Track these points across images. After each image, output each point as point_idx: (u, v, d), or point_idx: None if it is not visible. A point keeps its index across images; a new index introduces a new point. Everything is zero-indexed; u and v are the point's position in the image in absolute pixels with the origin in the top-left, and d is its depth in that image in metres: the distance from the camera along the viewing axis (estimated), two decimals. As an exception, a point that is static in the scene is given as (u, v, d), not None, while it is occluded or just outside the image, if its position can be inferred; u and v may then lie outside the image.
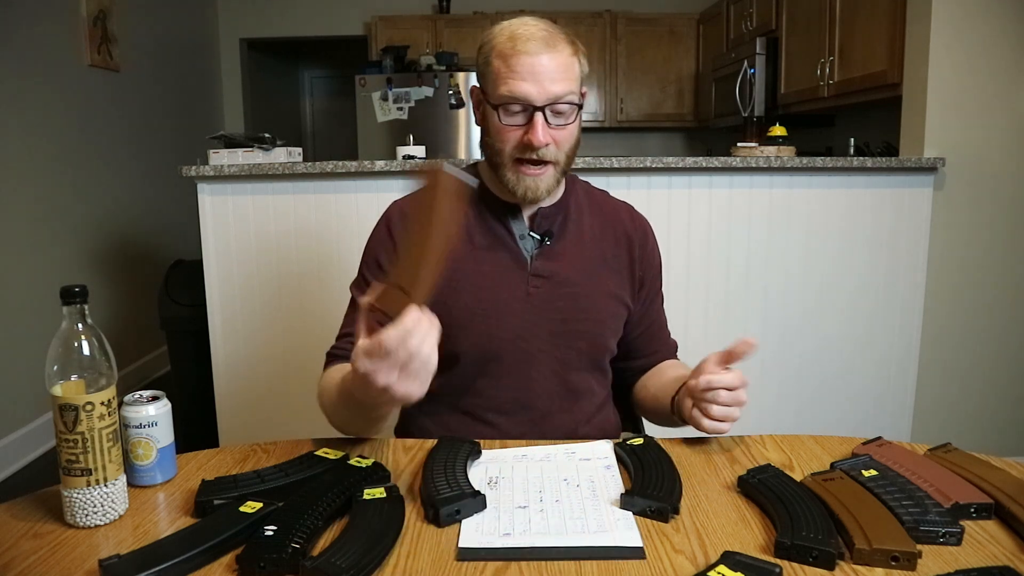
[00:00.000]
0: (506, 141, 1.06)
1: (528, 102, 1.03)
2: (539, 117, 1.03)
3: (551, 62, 1.03)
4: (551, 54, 1.04)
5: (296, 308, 2.28)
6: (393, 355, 0.76)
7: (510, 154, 1.07)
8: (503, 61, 1.04)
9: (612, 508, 0.82)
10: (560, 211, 1.17)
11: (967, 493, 0.81)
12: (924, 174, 2.36)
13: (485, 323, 1.11)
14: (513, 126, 1.05)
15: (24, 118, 2.86)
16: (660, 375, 1.21)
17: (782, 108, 3.65)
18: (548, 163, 1.07)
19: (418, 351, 0.77)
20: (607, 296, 1.17)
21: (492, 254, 1.13)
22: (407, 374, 0.78)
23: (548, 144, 1.05)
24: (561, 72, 1.04)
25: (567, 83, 1.05)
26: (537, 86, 1.03)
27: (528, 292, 1.12)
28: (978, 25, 2.30)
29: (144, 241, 3.81)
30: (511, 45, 1.04)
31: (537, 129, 1.03)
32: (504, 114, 1.05)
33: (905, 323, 2.43)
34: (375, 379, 0.78)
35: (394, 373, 0.77)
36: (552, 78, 1.03)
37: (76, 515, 0.78)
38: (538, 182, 1.07)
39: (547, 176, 1.08)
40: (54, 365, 0.77)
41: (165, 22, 4.24)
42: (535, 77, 1.03)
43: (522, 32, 1.05)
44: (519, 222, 1.14)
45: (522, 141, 1.05)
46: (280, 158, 2.33)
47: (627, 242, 1.20)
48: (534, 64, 1.03)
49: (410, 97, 4.29)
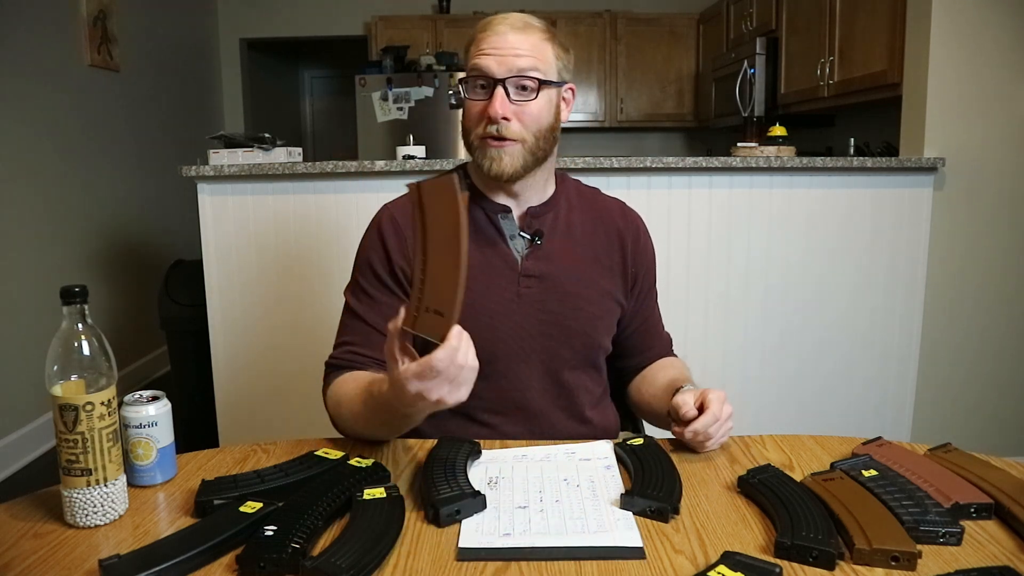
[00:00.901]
0: (472, 119, 1.09)
1: (489, 74, 1.05)
2: (499, 90, 1.05)
3: (516, 38, 1.06)
4: (518, 33, 1.06)
5: (296, 308, 2.28)
6: (444, 373, 0.80)
7: (477, 133, 1.08)
8: (474, 43, 1.09)
9: (612, 508, 0.82)
10: (550, 210, 1.16)
11: (967, 493, 0.81)
12: (924, 174, 2.36)
13: (477, 325, 1.10)
14: (476, 100, 1.07)
15: (24, 118, 2.86)
16: (653, 380, 1.20)
17: (782, 108, 3.65)
18: (512, 140, 1.07)
19: (465, 363, 0.81)
20: (599, 294, 1.16)
21: (482, 255, 1.12)
22: (455, 385, 0.82)
23: (509, 119, 1.05)
24: (526, 49, 1.06)
25: (532, 59, 1.06)
26: (498, 60, 1.05)
27: (519, 292, 1.12)
28: (978, 25, 2.30)
29: (144, 241, 3.81)
30: (483, 27, 1.09)
31: (495, 101, 1.04)
32: (468, 90, 1.08)
33: (905, 323, 2.43)
34: (428, 396, 0.81)
35: (445, 387, 0.81)
36: (516, 53, 1.05)
37: (76, 515, 0.78)
38: (502, 155, 1.07)
39: (512, 152, 1.07)
40: (54, 365, 0.77)
41: (165, 22, 4.24)
42: (498, 51, 1.05)
43: (497, 17, 1.09)
44: (509, 222, 1.14)
45: (484, 114, 1.06)
46: (280, 158, 2.33)
47: (619, 239, 1.20)
48: (497, 40, 1.06)
49: (410, 97, 4.29)
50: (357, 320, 1.13)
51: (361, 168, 2.21)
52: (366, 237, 1.18)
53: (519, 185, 1.12)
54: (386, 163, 2.22)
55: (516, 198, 1.15)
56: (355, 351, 1.10)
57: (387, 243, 1.13)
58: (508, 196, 1.14)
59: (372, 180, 2.24)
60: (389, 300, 1.11)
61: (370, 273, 1.14)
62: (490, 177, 1.09)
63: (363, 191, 2.24)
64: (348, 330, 1.14)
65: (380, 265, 1.13)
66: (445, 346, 0.78)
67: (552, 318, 1.13)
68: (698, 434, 0.96)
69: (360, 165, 2.21)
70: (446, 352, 0.79)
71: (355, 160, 2.28)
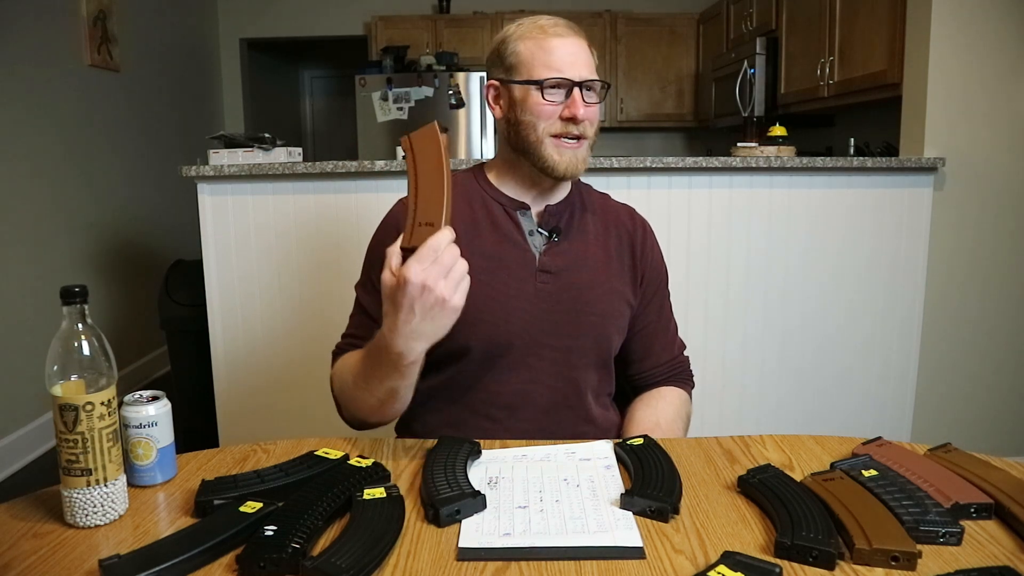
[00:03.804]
0: (544, 117, 1.10)
1: (567, 79, 1.09)
2: (578, 92, 1.09)
3: (579, 45, 1.11)
4: (577, 39, 1.12)
5: (296, 308, 2.28)
6: (440, 258, 0.83)
7: (547, 130, 1.10)
8: (536, 44, 1.10)
9: (612, 508, 0.82)
10: (566, 208, 1.19)
11: (967, 493, 0.81)
12: (924, 174, 2.36)
13: (493, 318, 1.11)
14: (553, 103, 1.09)
15: (24, 118, 2.86)
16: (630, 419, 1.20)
17: (782, 108, 3.65)
18: (584, 138, 1.12)
19: (458, 256, 0.85)
20: (612, 293, 1.17)
21: (501, 249, 1.13)
22: (451, 280, 0.85)
23: (587, 119, 1.10)
24: (588, 56, 1.12)
25: (593, 69, 1.12)
26: (572, 65, 1.09)
27: (536, 288, 1.13)
28: (978, 25, 2.30)
29: (144, 241, 3.81)
30: (540, 31, 1.11)
31: (578, 103, 1.08)
32: (545, 92, 1.09)
33: (905, 323, 2.43)
34: (429, 284, 0.83)
35: (442, 279, 0.84)
36: (583, 60, 1.11)
37: (76, 515, 0.78)
38: (577, 155, 1.12)
39: (583, 151, 1.13)
40: (54, 365, 0.77)
41: (165, 22, 4.24)
42: (571, 56, 1.10)
43: (546, 21, 1.12)
44: (528, 218, 1.16)
45: (563, 116, 1.09)
46: (280, 158, 2.33)
47: (629, 240, 1.22)
48: (568, 45, 1.10)
49: (410, 97, 4.29)
50: (364, 315, 1.14)
51: (361, 168, 2.21)
52: (380, 231, 1.18)
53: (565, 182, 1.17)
54: (386, 163, 2.22)
55: (542, 196, 1.17)
56: (357, 343, 1.10)
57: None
58: (535, 193, 1.17)
59: (372, 180, 2.24)
60: None
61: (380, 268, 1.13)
62: (563, 176, 1.13)
63: (363, 191, 2.24)
64: (354, 323, 1.16)
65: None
66: (440, 232, 0.84)
67: (566, 314, 1.14)
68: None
69: (360, 165, 2.21)
70: (440, 233, 0.84)
71: (355, 160, 2.28)
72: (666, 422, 1.17)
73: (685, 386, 1.27)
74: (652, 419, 1.18)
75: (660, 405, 1.21)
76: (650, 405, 1.21)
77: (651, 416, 1.19)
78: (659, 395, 1.23)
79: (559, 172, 1.11)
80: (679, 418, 1.20)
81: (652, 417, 1.18)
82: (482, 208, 1.16)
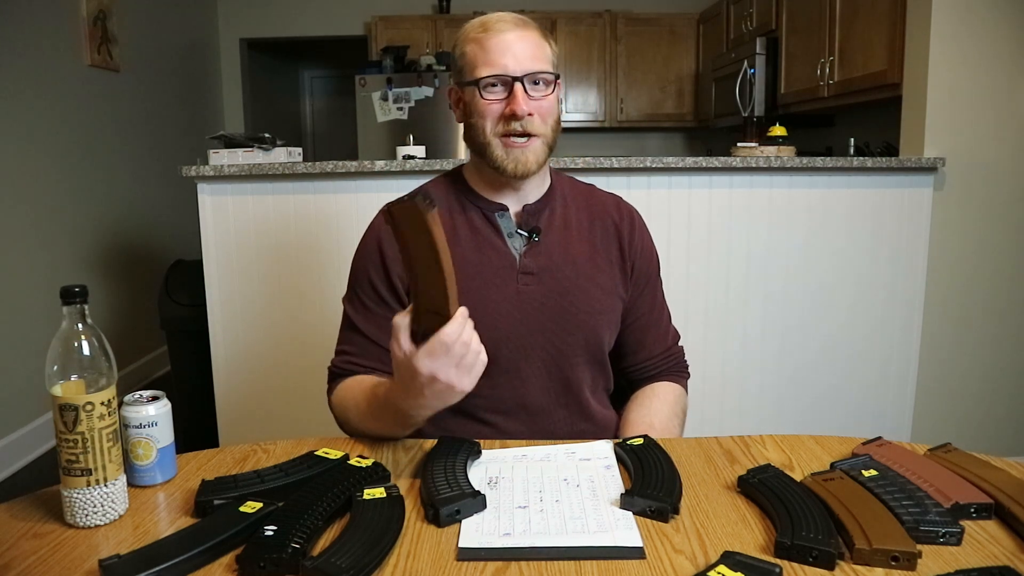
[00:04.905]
0: (488, 116, 1.08)
1: (507, 74, 1.06)
2: (519, 87, 1.06)
3: (523, 39, 1.08)
4: (521, 31, 1.08)
5: (296, 308, 2.28)
6: (451, 350, 0.83)
7: (493, 130, 1.08)
8: (477, 44, 1.09)
9: (612, 508, 0.82)
10: (546, 206, 1.16)
11: (967, 493, 0.81)
12: (924, 174, 2.36)
13: (477, 325, 1.10)
14: (494, 99, 1.07)
15: (24, 118, 2.86)
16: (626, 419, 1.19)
17: (782, 108, 3.65)
18: (533, 135, 1.08)
19: (471, 341, 0.85)
20: (599, 288, 1.16)
21: (480, 254, 1.12)
22: (463, 368, 0.85)
23: (531, 114, 1.07)
24: (533, 48, 1.08)
25: (541, 60, 1.08)
26: (512, 59, 1.06)
27: (518, 290, 1.12)
28: (978, 25, 2.30)
29: (144, 241, 3.81)
30: (482, 29, 1.09)
31: (518, 98, 1.05)
32: (485, 91, 1.07)
33: (905, 323, 2.43)
34: (438, 376, 0.84)
35: (453, 370, 0.84)
36: (526, 53, 1.07)
37: (76, 515, 0.78)
38: (527, 154, 1.08)
39: (535, 148, 1.09)
40: (54, 365, 0.77)
41: (165, 22, 4.24)
42: (511, 51, 1.06)
43: (492, 17, 1.10)
44: (506, 220, 1.14)
45: (504, 113, 1.07)
46: (280, 158, 2.33)
47: (616, 233, 1.19)
48: (507, 40, 1.07)
49: (410, 97, 4.29)
50: (355, 332, 1.14)
51: (361, 168, 2.21)
52: (363, 247, 1.17)
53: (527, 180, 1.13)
54: (386, 163, 2.22)
55: (516, 195, 1.15)
56: (353, 361, 1.12)
57: (383, 248, 1.13)
58: (509, 193, 1.14)
59: (372, 180, 2.24)
60: (385, 313, 1.10)
61: (367, 285, 1.14)
62: (514, 176, 1.10)
63: (363, 191, 2.24)
64: (346, 340, 1.15)
65: (377, 277, 1.13)
66: (451, 322, 0.83)
67: (553, 314, 1.13)
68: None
69: (360, 165, 2.21)
70: (453, 327, 0.83)
71: (355, 160, 2.28)
72: (660, 423, 1.16)
73: (680, 378, 1.25)
74: (647, 420, 1.16)
75: (655, 404, 1.19)
76: (644, 405, 1.20)
77: (645, 417, 1.17)
78: (653, 393, 1.21)
79: (508, 172, 1.09)
80: (674, 416, 1.19)
81: (646, 418, 1.17)
82: (461, 214, 1.15)
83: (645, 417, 1.17)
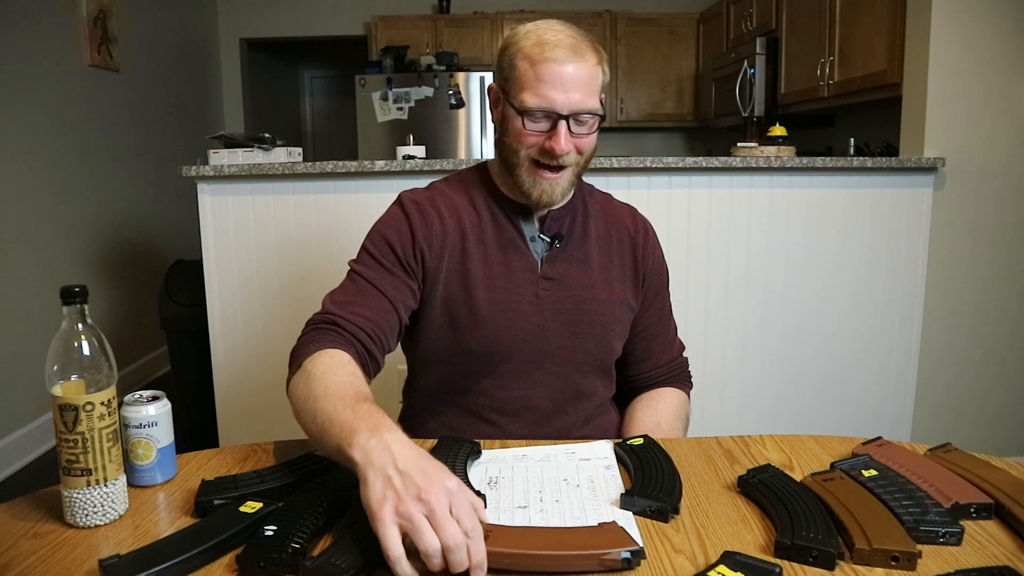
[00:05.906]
0: (525, 144, 1.06)
1: (553, 111, 1.03)
2: (562, 126, 1.03)
3: (577, 72, 1.03)
4: (577, 63, 1.03)
5: (296, 308, 2.28)
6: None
7: (527, 155, 1.06)
8: (530, 65, 1.03)
9: (612, 508, 0.82)
10: (569, 213, 1.16)
11: (967, 493, 0.81)
12: (924, 174, 2.36)
13: (494, 324, 1.10)
14: (535, 132, 1.05)
15: (24, 118, 2.85)
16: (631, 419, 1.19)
17: (782, 108, 3.65)
18: (565, 168, 1.07)
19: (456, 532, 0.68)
20: (614, 298, 1.16)
21: (503, 255, 1.12)
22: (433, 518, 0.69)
23: (569, 152, 1.05)
24: (586, 83, 1.04)
25: (591, 96, 1.05)
26: (563, 95, 1.02)
27: (538, 294, 1.12)
28: (978, 25, 2.30)
29: (144, 241, 3.81)
30: (539, 51, 1.03)
31: (560, 138, 1.03)
32: (528, 120, 1.04)
33: (905, 323, 2.43)
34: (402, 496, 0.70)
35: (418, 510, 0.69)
36: (577, 88, 1.03)
37: (76, 515, 0.78)
38: (554, 186, 1.07)
39: (563, 180, 1.08)
40: (54, 365, 0.77)
41: (165, 22, 4.24)
42: (562, 86, 1.02)
43: (550, 38, 1.03)
44: (530, 224, 1.14)
45: (543, 147, 1.04)
46: (280, 158, 2.33)
47: (631, 244, 1.20)
48: (561, 73, 1.02)
49: (410, 97, 4.29)
50: (363, 282, 1.07)
51: (361, 168, 2.21)
52: (388, 216, 1.14)
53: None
54: (386, 163, 2.22)
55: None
56: (356, 312, 1.03)
57: (412, 222, 1.10)
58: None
59: (372, 180, 2.24)
60: (401, 277, 1.08)
61: (387, 247, 1.09)
62: (537, 205, 1.09)
63: (363, 191, 2.24)
64: (350, 292, 1.07)
65: (400, 242, 1.09)
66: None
67: (569, 321, 1.13)
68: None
69: (360, 165, 2.21)
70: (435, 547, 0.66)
71: (355, 160, 2.28)
72: (667, 423, 1.17)
73: (684, 387, 1.27)
74: (653, 420, 1.18)
75: (660, 406, 1.21)
76: (650, 406, 1.21)
77: (651, 417, 1.18)
78: (659, 396, 1.23)
79: (532, 199, 1.09)
80: (679, 419, 1.20)
81: (653, 418, 1.18)
82: (486, 210, 1.14)
83: (651, 417, 1.18)
